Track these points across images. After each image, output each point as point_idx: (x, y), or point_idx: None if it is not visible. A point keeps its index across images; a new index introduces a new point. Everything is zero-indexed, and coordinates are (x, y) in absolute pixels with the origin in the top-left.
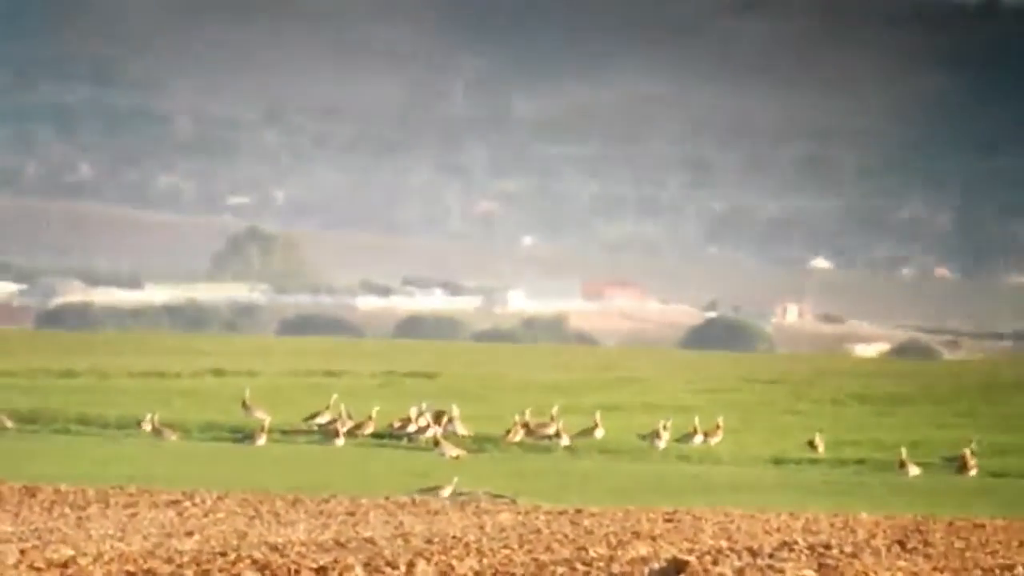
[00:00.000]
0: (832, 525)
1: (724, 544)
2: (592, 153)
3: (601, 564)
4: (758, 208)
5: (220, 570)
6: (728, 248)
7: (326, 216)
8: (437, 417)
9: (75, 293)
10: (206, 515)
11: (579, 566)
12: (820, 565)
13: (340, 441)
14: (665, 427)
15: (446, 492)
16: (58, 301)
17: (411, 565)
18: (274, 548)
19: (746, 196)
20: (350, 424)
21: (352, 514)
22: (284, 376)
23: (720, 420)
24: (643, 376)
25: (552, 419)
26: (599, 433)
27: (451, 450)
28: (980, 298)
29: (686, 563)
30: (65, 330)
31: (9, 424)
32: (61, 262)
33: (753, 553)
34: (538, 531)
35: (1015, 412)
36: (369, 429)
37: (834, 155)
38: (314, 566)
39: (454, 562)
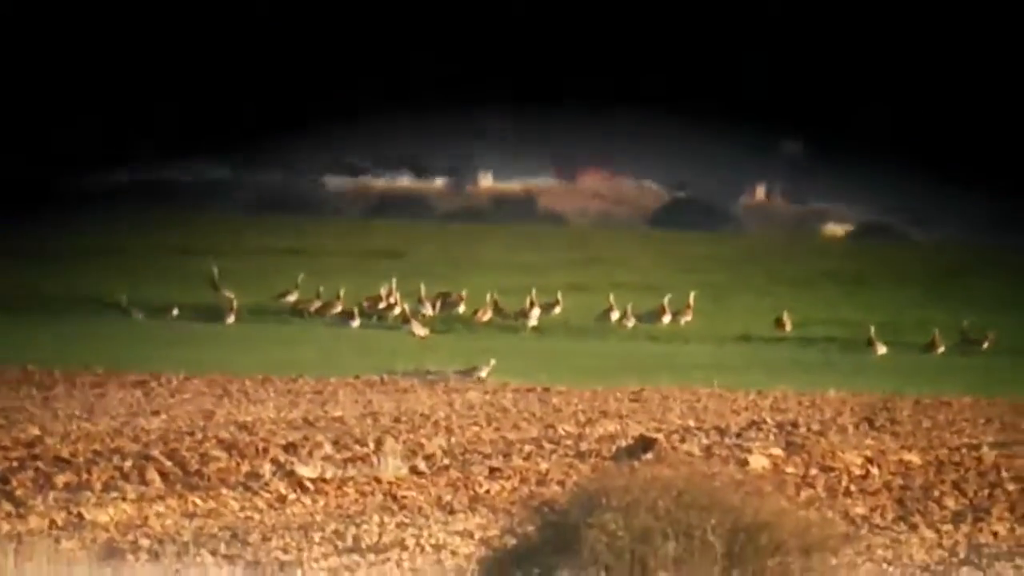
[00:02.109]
0: (800, 403)
1: (692, 423)
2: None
3: (569, 442)
4: (728, 86)
5: (188, 449)
6: (697, 126)
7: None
8: (438, 298)
9: None
10: (173, 395)
11: (547, 444)
12: (787, 443)
13: (308, 319)
14: (626, 309)
15: (483, 372)
16: None
17: (379, 443)
18: (242, 427)
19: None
20: (318, 303)
21: (320, 393)
22: (252, 255)
23: (691, 299)
24: (612, 255)
25: (532, 303)
26: (557, 310)
27: (419, 329)
28: (950, 180)
29: (654, 441)
30: None
31: None
32: None
33: (720, 432)
34: (506, 409)
35: (983, 294)
36: (337, 308)
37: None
38: (283, 444)
39: (423, 440)
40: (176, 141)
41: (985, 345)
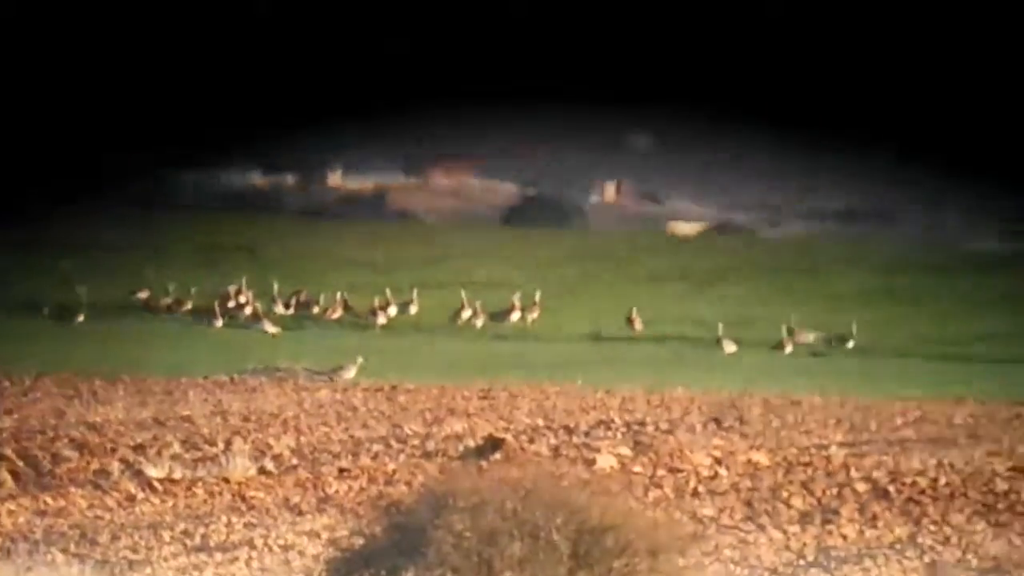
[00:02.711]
0: (648, 403)
1: (540, 422)
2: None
3: (416, 441)
4: (577, 80)
5: (40, 448)
6: (549, 125)
7: None
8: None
9: None
10: (25, 394)
11: (394, 443)
12: (635, 443)
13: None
14: (481, 306)
15: (350, 373)
16: None
17: (228, 443)
18: (92, 427)
19: (565, 68)
20: (169, 300)
21: (170, 393)
22: (105, 251)
23: (537, 296)
24: (462, 253)
25: (389, 300)
26: (413, 309)
27: (271, 327)
28: (801, 175)
29: (502, 440)
30: None
31: None
32: None
33: (569, 431)
34: (355, 408)
35: (834, 289)
36: (187, 305)
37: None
38: (132, 444)
39: (271, 440)
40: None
41: (851, 343)
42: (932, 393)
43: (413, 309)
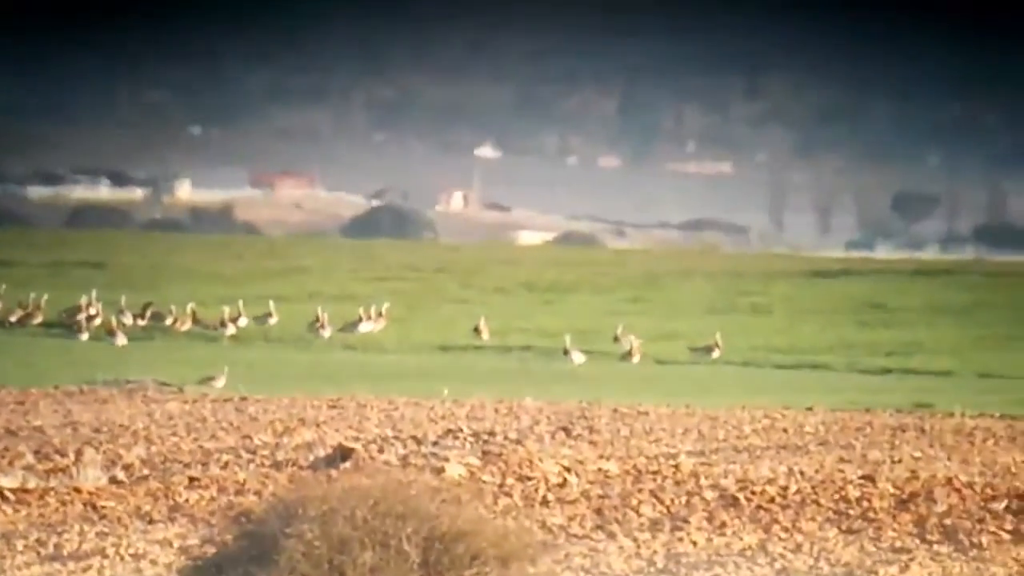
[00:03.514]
0: (497, 412)
1: (389, 432)
2: (261, 39)
3: (266, 452)
4: (426, 94)
5: None
6: (396, 135)
7: None
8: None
9: None
10: None
11: (244, 453)
12: (484, 452)
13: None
14: (326, 317)
15: (220, 383)
16: None
17: (79, 453)
18: None
19: (413, 82)
20: (20, 313)
21: (22, 403)
22: None
23: (384, 308)
24: (309, 265)
25: (240, 312)
26: (273, 321)
27: (120, 339)
28: (645, 186)
29: (351, 450)
30: None
31: None
32: None
33: (417, 441)
34: (204, 419)
35: (679, 299)
36: (38, 318)
37: (501, 40)
38: None
39: (122, 450)
40: None
41: (716, 354)
42: (782, 401)
43: (272, 320)
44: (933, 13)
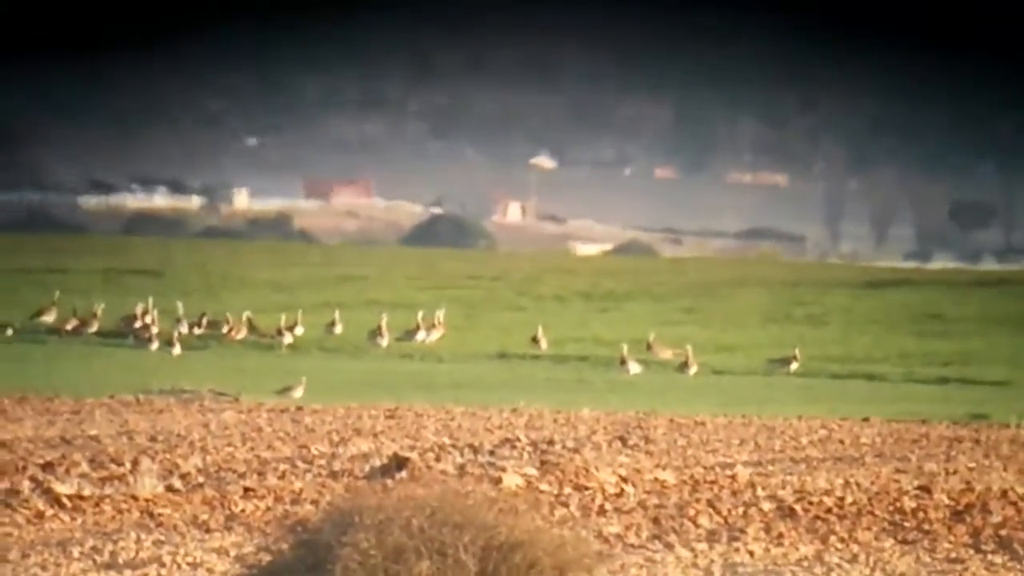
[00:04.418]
0: (554, 421)
1: (446, 441)
2: (317, 48)
3: (323, 461)
4: (481, 103)
5: None
6: (452, 144)
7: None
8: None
9: None
10: None
11: (300, 463)
12: (542, 462)
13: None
14: (387, 324)
15: (298, 392)
16: None
17: (136, 462)
18: (1, 445)
19: (469, 91)
20: (75, 322)
21: (77, 412)
22: (7, 273)
23: (440, 316)
24: (366, 274)
25: (297, 320)
26: (338, 329)
27: (177, 348)
28: (701, 196)
29: (407, 459)
30: None
31: None
32: None
33: (475, 450)
34: (260, 429)
35: (735, 308)
36: (94, 327)
37: (556, 50)
38: (40, 462)
39: (178, 460)
40: None
41: (794, 366)
42: (838, 411)
43: (338, 329)
44: (985, 25)
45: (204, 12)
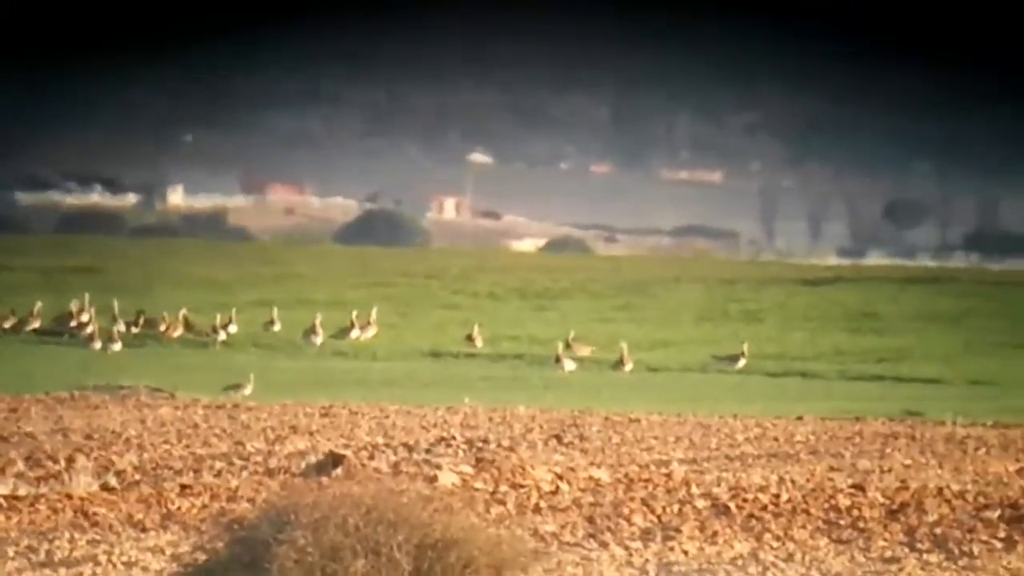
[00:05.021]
0: (490, 419)
1: (380, 439)
2: (250, 44)
3: (259, 459)
4: (417, 99)
5: None
6: (387, 141)
7: None
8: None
9: None
10: None
11: (236, 461)
12: (477, 460)
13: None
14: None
15: (247, 390)
16: None
17: (71, 460)
18: None
19: (405, 87)
20: (13, 320)
21: (15, 410)
22: None
23: (373, 314)
24: (302, 271)
25: (232, 318)
26: (276, 327)
27: (114, 344)
28: (637, 193)
29: (343, 457)
30: None
31: None
32: None
33: (409, 448)
34: (196, 426)
35: (670, 306)
36: (33, 324)
37: (493, 46)
38: None
39: (114, 457)
40: None
41: (741, 363)
42: (773, 409)
43: (276, 327)
44: (925, 25)
45: (139, 9)
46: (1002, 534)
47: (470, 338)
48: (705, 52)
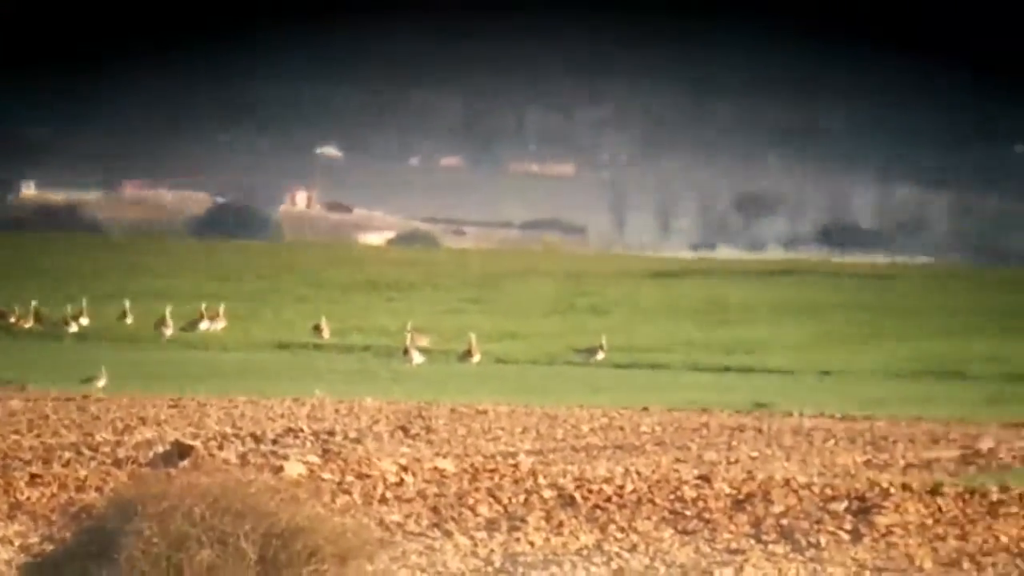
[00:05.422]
0: (337, 411)
1: (228, 430)
2: (109, 40)
3: (107, 449)
4: (268, 93)
5: None
6: (239, 134)
7: None
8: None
9: None
10: None
11: (85, 450)
12: (324, 451)
13: None
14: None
15: (102, 383)
16: None
17: None
18: None
19: (256, 81)
20: None
21: None
22: None
23: (222, 307)
24: (154, 264)
25: (83, 310)
26: (129, 320)
27: None
28: (487, 186)
29: (191, 448)
30: None
31: None
32: None
33: (257, 439)
34: (46, 416)
35: (519, 298)
36: None
37: (343, 39)
38: None
39: None
40: None
41: (600, 355)
42: (620, 400)
43: (129, 320)
44: (773, 16)
45: None
46: (848, 526)
47: (318, 329)
48: (554, 46)
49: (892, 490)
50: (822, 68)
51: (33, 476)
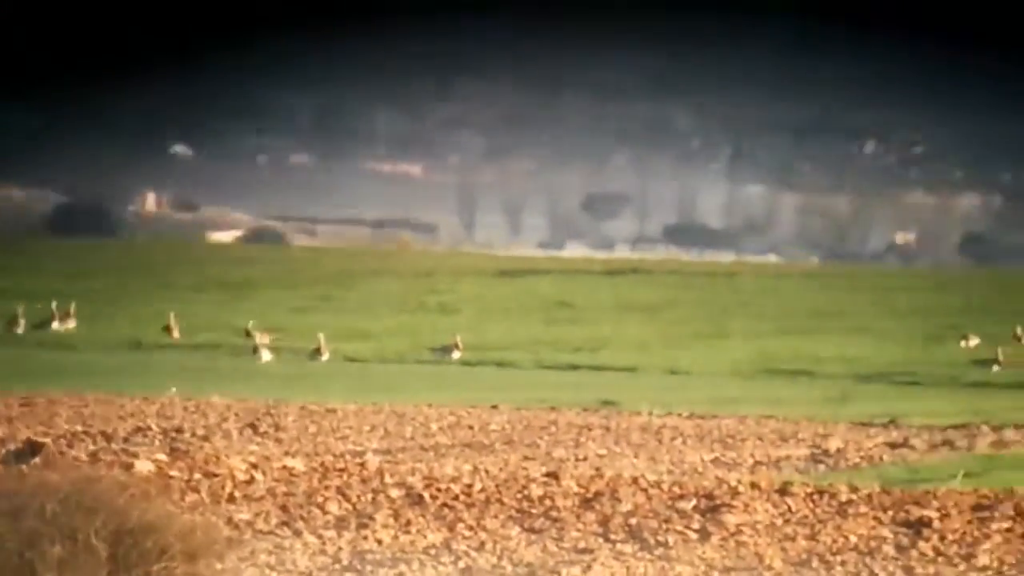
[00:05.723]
0: (185, 409)
1: (79, 428)
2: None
3: None
4: (121, 91)
5: None
6: (92, 133)
7: None
8: None
9: None
10: None
11: None
12: (172, 449)
13: None
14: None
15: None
16: None
17: None
18: None
19: (107, 80)
20: None
21: None
22: None
23: (72, 307)
24: (3, 263)
25: None
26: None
27: None
28: (337, 185)
29: (42, 445)
30: None
31: None
32: None
33: (107, 437)
34: None
35: (369, 297)
36: None
37: (196, 36)
38: None
39: None
40: None
41: (456, 354)
42: (468, 399)
43: None
44: (623, 14)
45: None
46: (697, 525)
47: (167, 329)
48: (403, 46)
49: (741, 488)
50: (668, 65)
51: None
